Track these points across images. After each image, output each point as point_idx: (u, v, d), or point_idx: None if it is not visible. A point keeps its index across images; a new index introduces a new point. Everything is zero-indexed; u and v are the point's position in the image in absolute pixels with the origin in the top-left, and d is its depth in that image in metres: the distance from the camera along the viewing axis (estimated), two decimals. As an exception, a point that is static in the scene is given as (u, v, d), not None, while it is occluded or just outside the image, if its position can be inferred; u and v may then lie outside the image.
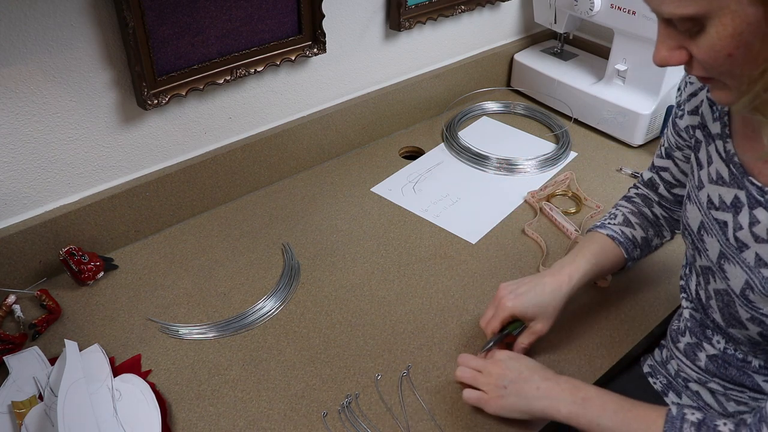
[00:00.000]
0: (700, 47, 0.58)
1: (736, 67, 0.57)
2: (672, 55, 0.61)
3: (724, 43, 0.56)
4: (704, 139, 0.77)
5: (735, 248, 0.70)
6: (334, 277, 1.05)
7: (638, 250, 0.95)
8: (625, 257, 0.93)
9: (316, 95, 1.28)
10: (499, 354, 0.83)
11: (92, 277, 1.01)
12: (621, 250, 0.92)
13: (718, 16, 0.55)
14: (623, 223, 0.94)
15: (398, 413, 0.83)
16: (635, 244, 0.94)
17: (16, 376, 0.85)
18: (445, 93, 1.50)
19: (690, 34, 0.58)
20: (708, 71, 0.60)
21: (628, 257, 0.93)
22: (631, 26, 1.31)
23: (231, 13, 1.05)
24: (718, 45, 0.56)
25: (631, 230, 0.94)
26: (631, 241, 0.93)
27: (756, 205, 0.68)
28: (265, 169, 1.24)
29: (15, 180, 0.96)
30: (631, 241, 0.93)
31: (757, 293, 0.68)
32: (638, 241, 0.94)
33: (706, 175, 0.76)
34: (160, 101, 1.01)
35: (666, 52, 0.61)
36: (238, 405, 0.84)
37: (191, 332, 0.94)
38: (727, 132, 0.72)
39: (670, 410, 0.69)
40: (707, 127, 0.76)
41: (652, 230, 0.96)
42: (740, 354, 0.77)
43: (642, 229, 0.95)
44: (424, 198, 1.23)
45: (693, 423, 0.67)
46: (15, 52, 0.87)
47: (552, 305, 0.86)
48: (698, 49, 0.58)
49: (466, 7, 1.41)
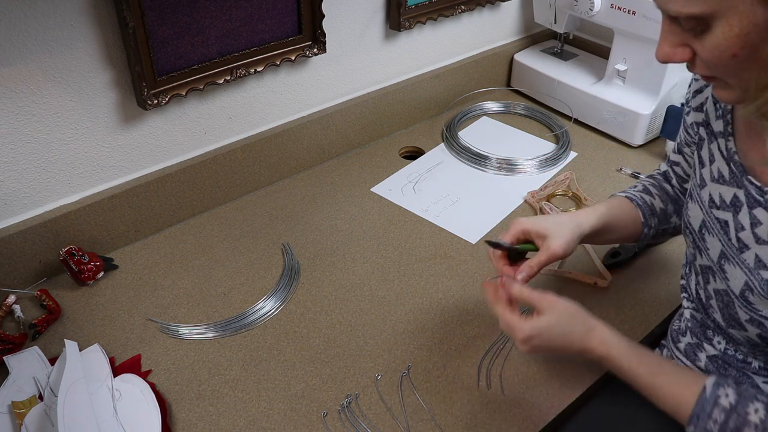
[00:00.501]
0: (704, 46, 0.58)
1: (739, 67, 0.57)
2: (675, 52, 0.61)
3: (730, 43, 0.55)
4: (707, 136, 0.77)
5: (736, 249, 0.70)
6: (334, 277, 1.05)
7: (656, 219, 0.92)
8: (642, 221, 0.91)
9: (316, 95, 1.28)
10: (518, 337, 0.76)
11: (92, 277, 1.01)
12: (639, 212, 0.91)
13: (725, 16, 0.54)
14: (643, 191, 0.94)
15: (398, 413, 0.83)
16: (653, 211, 0.92)
17: (16, 376, 0.85)
18: (445, 93, 1.50)
19: (695, 32, 0.58)
20: (711, 70, 0.60)
21: (645, 222, 0.91)
22: (631, 26, 1.31)
23: (231, 13, 1.05)
24: (723, 45, 0.56)
25: (650, 198, 0.93)
26: (649, 207, 0.92)
27: (755, 205, 0.68)
28: (265, 169, 1.24)
29: (15, 180, 0.96)
30: (650, 207, 0.92)
31: (756, 295, 0.68)
32: (656, 210, 0.92)
33: (708, 173, 0.75)
34: (160, 101, 1.01)
35: (669, 49, 0.61)
36: (238, 405, 0.84)
37: (191, 332, 0.94)
38: (730, 130, 0.72)
39: (704, 390, 0.68)
40: (710, 124, 0.76)
41: (671, 206, 0.94)
42: (740, 355, 0.77)
43: (661, 201, 0.93)
44: (424, 198, 1.23)
45: (724, 408, 0.66)
46: (15, 52, 0.87)
47: (568, 228, 0.83)
48: (702, 48, 0.58)
49: (466, 7, 1.41)
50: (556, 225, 0.83)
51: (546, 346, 0.75)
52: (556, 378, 0.89)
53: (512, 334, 0.76)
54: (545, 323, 0.75)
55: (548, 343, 0.75)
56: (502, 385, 0.87)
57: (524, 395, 0.86)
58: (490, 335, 0.95)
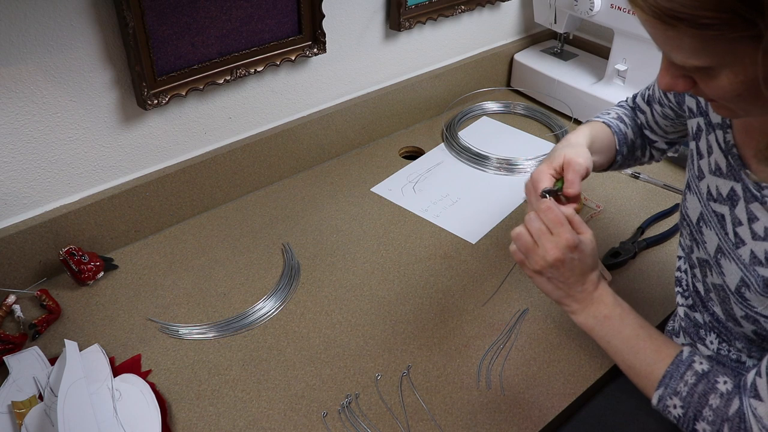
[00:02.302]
0: (708, 86, 0.58)
1: (744, 102, 0.58)
2: (677, 83, 0.61)
3: (734, 87, 0.55)
4: (705, 128, 0.76)
5: (732, 243, 0.70)
6: (334, 277, 1.05)
7: (625, 148, 0.94)
8: (616, 148, 0.93)
9: (316, 95, 1.28)
10: (565, 236, 0.71)
11: (92, 277, 1.01)
12: (615, 139, 0.92)
13: (731, 66, 0.54)
14: (617, 119, 0.95)
15: (398, 413, 0.83)
16: (626, 140, 0.94)
17: (16, 376, 0.85)
18: (445, 93, 1.50)
19: (699, 75, 0.58)
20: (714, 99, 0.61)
21: (619, 150, 0.93)
22: (631, 26, 1.30)
23: (231, 13, 1.05)
24: (728, 88, 0.56)
25: (624, 127, 0.94)
26: (623, 135, 0.93)
27: (752, 199, 0.67)
28: (265, 169, 1.24)
29: (15, 180, 0.96)
30: (624, 135, 0.93)
31: (753, 291, 0.68)
32: (628, 140, 0.94)
33: (706, 164, 0.75)
34: (160, 101, 1.01)
35: (671, 80, 0.61)
36: (238, 405, 0.84)
37: (191, 332, 0.94)
38: (728, 122, 0.72)
39: (681, 352, 0.70)
40: (708, 115, 0.76)
41: (639, 139, 0.96)
42: (734, 354, 0.77)
43: (632, 132, 0.95)
44: (424, 198, 1.23)
45: (696, 372, 0.68)
46: (15, 52, 0.87)
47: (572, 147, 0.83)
48: (706, 86, 0.58)
49: (466, 7, 1.41)
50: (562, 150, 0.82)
51: (570, 267, 0.72)
52: (556, 378, 0.89)
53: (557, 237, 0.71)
54: (587, 240, 0.73)
55: (580, 261, 0.72)
56: (502, 385, 0.87)
57: (524, 395, 0.86)
58: (490, 335, 0.95)
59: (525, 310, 0.99)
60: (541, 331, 0.96)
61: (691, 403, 0.67)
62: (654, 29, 0.56)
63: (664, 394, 0.69)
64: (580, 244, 0.71)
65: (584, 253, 0.72)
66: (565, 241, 0.71)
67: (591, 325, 0.75)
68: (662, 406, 0.70)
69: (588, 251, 0.73)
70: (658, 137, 0.95)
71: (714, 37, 0.52)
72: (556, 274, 0.72)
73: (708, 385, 0.67)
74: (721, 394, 0.66)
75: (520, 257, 0.75)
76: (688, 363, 0.69)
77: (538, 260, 0.72)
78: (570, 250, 0.71)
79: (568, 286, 0.74)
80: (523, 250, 0.74)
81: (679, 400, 0.68)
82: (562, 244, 0.71)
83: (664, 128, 0.93)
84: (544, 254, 0.71)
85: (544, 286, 0.75)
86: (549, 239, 0.71)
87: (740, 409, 0.64)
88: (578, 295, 0.74)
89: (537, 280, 0.75)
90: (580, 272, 0.73)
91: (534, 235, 0.72)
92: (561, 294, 0.75)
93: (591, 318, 0.74)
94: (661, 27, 0.54)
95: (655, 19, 0.53)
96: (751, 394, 0.63)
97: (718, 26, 0.50)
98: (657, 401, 0.70)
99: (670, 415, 0.69)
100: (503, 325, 0.96)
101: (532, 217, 0.73)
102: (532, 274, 0.75)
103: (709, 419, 0.66)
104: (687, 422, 0.68)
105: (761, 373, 0.63)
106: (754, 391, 0.63)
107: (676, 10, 0.51)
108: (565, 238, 0.71)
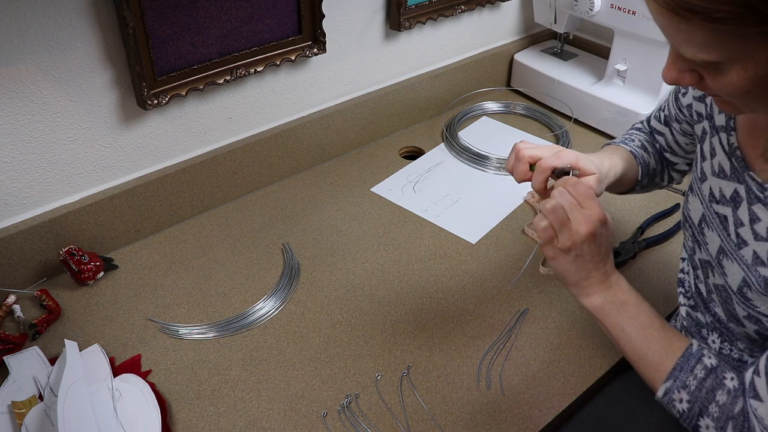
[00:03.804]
0: (716, 81, 0.57)
1: (751, 99, 0.57)
2: (683, 77, 0.60)
3: (743, 83, 0.55)
4: (709, 130, 0.76)
5: (734, 244, 0.70)
6: (334, 277, 1.05)
7: (646, 179, 0.93)
8: (638, 179, 0.92)
9: (316, 95, 1.28)
10: (597, 209, 0.69)
11: (92, 277, 1.01)
12: (639, 170, 0.92)
13: (741, 61, 0.53)
14: (641, 147, 0.94)
15: (398, 413, 0.83)
16: (647, 170, 0.93)
17: (16, 376, 0.85)
18: (445, 93, 1.50)
19: (707, 70, 0.57)
20: (719, 95, 0.60)
21: (639, 181, 0.92)
22: (631, 26, 1.31)
23: (231, 13, 1.05)
24: (736, 84, 0.55)
25: (648, 156, 0.93)
26: (646, 166, 0.92)
27: (755, 201, 0.67)
28: (265, 169, 1.24)
29: (15, 180, 0.96)
30: (647, 166, 0.92)
31: (754, 291, 0.68)
32: (650, 169, 0.93)
33: (709, 167, 0.75)
34: (160, 101, 1.01)
35: (677, 74, 0.60)
36: (238, 405, 0.84)
37: (191, 332, 0.94)
38: (732, 125, 0.72)
39: (691, 345, 0.69)
40: (713, 118, 0.76)
41: (659, 165, 0.95)
42: (736, 354, 0.77)
43: (654, 160, 0.94)
44: (424, 198, 1.23)
45: (705, 366, 0.67)
46: (15, 52, 0.87)
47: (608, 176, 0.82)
48: (713, 81, 0.57)
49: (466, 7, 1.41)
50: (587, 160, 0.80)
51: (599, 243, 0.69)
52: (556, 378, 0.89)
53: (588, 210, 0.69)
54: (610, 218, 0.71)
55: (607, 237, 0.70)
56: (502, 385, 0.87)
57: (524, 395, 0.86)
58: (490, 335, 0.95)
59: (525, 310, 0.99)
60: (541, 331, 0.96)
61: (699, 398, 0.67)
62: (667, 21, 0.54)
63: (672, 386, 0.68)
64: (606, 219, 0.70)
65: (610, 230, 0.71)
66: (597, 214, 0.69)
67: (607, 310, 0.71)
68: (668, 399, 0.69)
69: (612, 229, 0.71)
70: (679, 158, 0.94)
71: (726, 31, 0.51)
72: (586, 250, 0.69)
73: (716, 380, 0.67)
74: (729, 390, 0.66)
75: (550, 234, 0.70)
76: (698, 356, 0.68)
77: (571, 235, 0.69)
78: (601, 224, 0.69)
79: (593, 265, 0.70)
80: (557, 224, 0.69)
81: (687, 394, 0.67)
82: (594, 218, 0.68)
83: (684, 147, 0.92)
84: (578, 227, 0.68)
85: (566, 267, 0.71)
86: (581, 212, 0.69)
87: (744, 408, 0.64)
88: (599, 275, 0.71)
89: (560, 260, 0.71)
90: (606, 250, 0.71)
91: (566, 208, 0.70)
92: (581, 275, 0.71)
93: (608, 302, 0.71)
94: (674, 19, 0.53)
95: (669, 12, 0.52)
96: (751, 395, 0.63)
97: (732, 20, 0.50)
98: (663, 394, 0.69)
99: (674, 409, 0.68)
100: (503, 325, 0.96)
101: (562, 191, 0.71)
102: (555, 254, 0.71)
103: (715, 416, 0.66)
104: (691, 417, 0.67)
105: (759, 372, 0.63)
106: (753, 391, 0.63)
107: (691, 2, 0.50)
108: (597, 210, 0.69)
